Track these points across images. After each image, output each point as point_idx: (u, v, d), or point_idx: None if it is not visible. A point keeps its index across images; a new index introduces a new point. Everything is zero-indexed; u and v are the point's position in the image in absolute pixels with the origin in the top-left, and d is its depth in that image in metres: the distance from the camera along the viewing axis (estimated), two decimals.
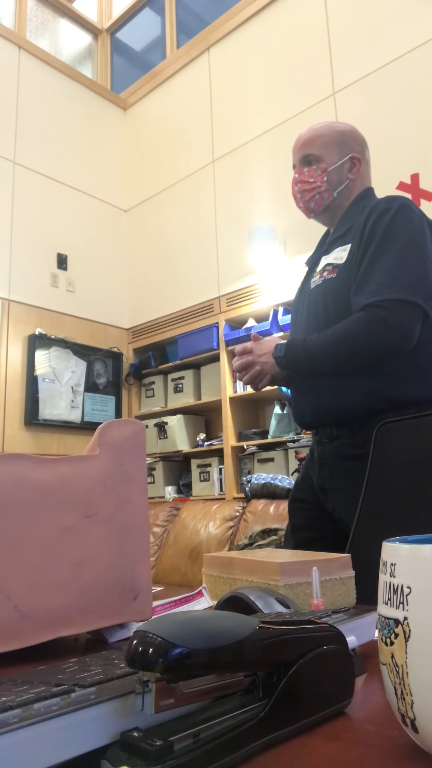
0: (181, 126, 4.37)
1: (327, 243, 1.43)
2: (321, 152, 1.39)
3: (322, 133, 1.41)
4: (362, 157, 1.41)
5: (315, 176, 1.39)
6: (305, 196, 1.41)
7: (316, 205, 1.42)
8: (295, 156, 1.44)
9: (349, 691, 0.40)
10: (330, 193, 1.39)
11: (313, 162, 1.40)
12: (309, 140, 1.41)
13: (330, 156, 1.39)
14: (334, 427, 1.30)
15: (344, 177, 1.40)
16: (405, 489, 1.05)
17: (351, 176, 1.40)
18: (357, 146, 1.42)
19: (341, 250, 1.33)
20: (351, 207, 1.40)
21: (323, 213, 1.43)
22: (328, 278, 1.33)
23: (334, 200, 1.40)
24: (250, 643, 0.33)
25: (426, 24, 3.06)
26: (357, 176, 1.40)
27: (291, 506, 1.44)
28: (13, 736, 0.28)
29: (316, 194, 1.40)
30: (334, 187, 1.39)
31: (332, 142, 1.40)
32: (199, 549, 2.88)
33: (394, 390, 1.22)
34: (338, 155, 1.39)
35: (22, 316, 3.89)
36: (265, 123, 3.77)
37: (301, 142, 1.42)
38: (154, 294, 4.37)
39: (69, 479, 0.62)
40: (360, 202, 1.38)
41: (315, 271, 1.42)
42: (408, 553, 0.32)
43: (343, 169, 1.39)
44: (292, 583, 0.67)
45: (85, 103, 4.59)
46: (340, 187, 1.40)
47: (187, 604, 0.76)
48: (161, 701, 0.31)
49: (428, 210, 2.88)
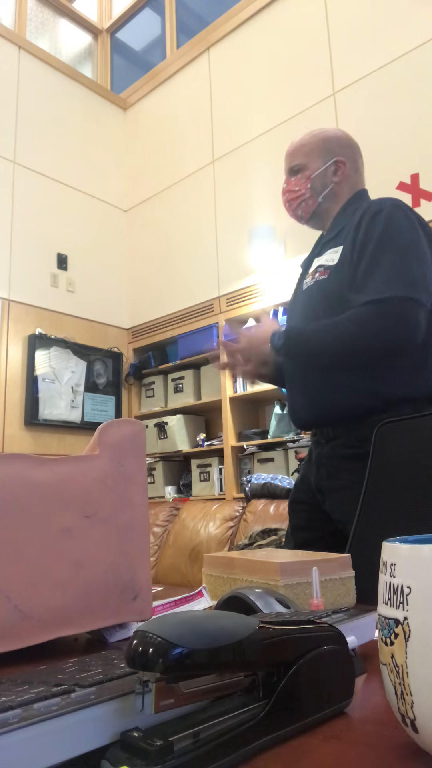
0: (181, 126, 4.37)
1: (320, 245, 1.44)
2: (305, 160, 1.42)
3: (307, 142, 1.44)
4: (348, 159, 1.42)
5: (300, 184, 1.42)
6: (292, 205, 1.45)
7: (303, 212, 1.45)
8: (285, 166, 1.47)
9: (349, 691, 0.40)
10: (314, 199, 1.42)
11: (298, 171, 1.43)
12: (294, 150, 1.45)
13: (313, 163, 1.42)
14: (330, 427, 1.30)
15: (328, 181, 1.42)
16: (405, 489, 1.05)
17: (336, 179, 1.41)
18: (342, 150, 1.43)
19: (333, 252, 1.34)
20: (343, 210, 1.41)
21: (311, 219, 1.46)
22: (320, 279, 1.34)
23: (319, 205, 1.43)
24: (250, 643, 0.33)
25: (426, 24, 3.06)
26: (342, 179, 1.42)
27: (291, 507, 1.44)
28: (13, 736, 0.28)
29: (302, 201, 1.43)
30: (318, 193, 1.42)
31: (316, 149, 1.42)
32: (199, 549, 2.88)
33: (389, 388, 1.23)
34: (322, 161, 1.41)
35: (22, 316, 3.89)
36: (265, 123, 3.77)
37: (289, 152, 1.46)
38: (154, 294, 4.37)
39: (69, 479, 0.62)
40: (352, 205, 1.40)
41: (308, 273, 1.44)
42: (408, 553, 0.32)
43: (327, 174, 1.41)
44: (292, 583, 0.67)
45: (85, 103, 4.59)
46: (325, 192, 1.42)
47: (187, 604, 0.76)
48: (161, 701, 0.31)
49: (428, 210, 2.89)
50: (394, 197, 1.33)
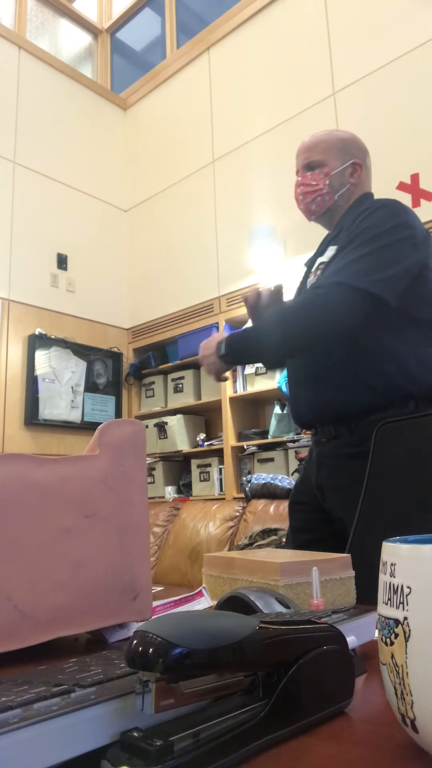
0: (181, 126, 4.37)
1: (324, 244, 1.46)
2: (323, 157, 1.43)
3: (325, 139, 1.45)
4: (363, 163, 1.45)
5: (318, 179, 1.43)
6: (307, 198, 1.45)
7: (317, 207, 1.45)
8: (298, 161, 1.47)
9: (349, 691, 0.40)
10: (331, 195, 1.43)
11: (315, 167, 1.43)
12: (312, 145, 1.45)
13: (332, 161, 1.42)
14: (332, 425, 1.31)
15: (346, 181, 1.43)
16: (405, 489, 1.05)
17: (352, 181, 1.43)
18: (358, 153, 1.45)
19: (333, 249, 1.37)
20: (349, 210, 1.43)
21: (323, 215, 1.47)
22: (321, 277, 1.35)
23: (334, 203, 1.44)
24: (250, 643, 0.33)
25: (426, 24, 3.06)
26: (358, 182, 1.44)
27: (291, 508, 1.45)
28: (13, 736, 0.28)
29: (318, 196, 1.43)
30: (336, 190, 1.43)
31: (334, 148, 1.43)
32: (199, 549, 2.88)
33: (390, 384, 1.24)
34: (340, 160, 1.42)
35: (22, 316, 3.89)
36: (265, 123, 3.77)
37: (304, 147, 1.46)
38: (154, 294, 4.37)
39: (69, 479, 0.62)
40: (358, 206, 1.41)
41: (311, 272, 1.46)
42: (408, 553, 0.32)
43: (345, 174, 1.43)
44: (292, 583, 0.67)
45: (85, 103, 4.59)
46: (342, 191, 1.43)
47: (187, 604, 0.76)
48: (161, 701, 0.31)
49: (428, 210, 2.89)
50: (394, 199, 1.34)
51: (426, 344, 1.27)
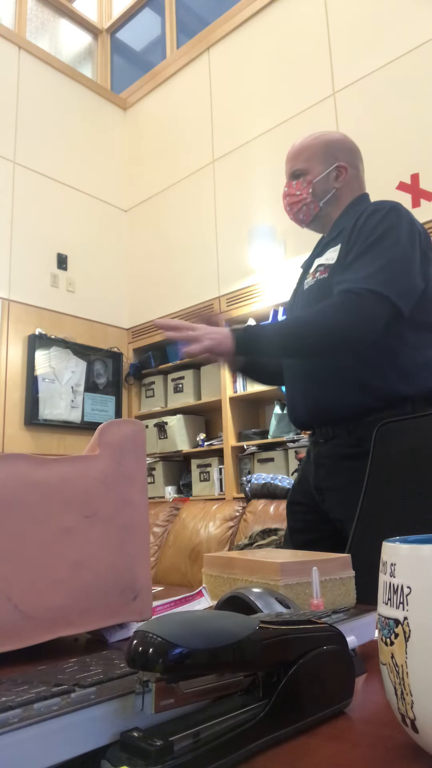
0: (181, 126, 4.37)
1: (321, 246, 1.46)
2: (306, 165, 1.43)
3: (308, 146, 1.44)
4: (350, 164, 1.43)
5: (301, 189, 1.43)
6: (293, 209, 1.45)
7: (304, 216, 1.45)
8: (286, 168, 1.47)
9: (349, 691, 0.40)
10: (316, 204, 1.43)
11: (299, 175, 1.43)
12: (296, 154, 1.45)
13: (315, 168, 1.42)
14: (329, 426, 1.31)
15: (330, 186, 1.42)
16: (405, 489, 1.05)
17: (337, 185, 1.42)
18: (344, 155, 1.43)
19: (332, 251, 1.36)
20: (344, 213, 1.42)
21: (312, 223, 1.47)
22: (320, 278, 1.36)
23: (321, 210, 1.43)
24: (250, 643, 0.33)
25: (426, 24, 3.06)
26: (344, 184, 1.43)
27: (288, 509, 1.45)
28: (13, 736, 0.28)
29: (303, 206, 1.43)
30: (320, 198, 1.42)
31: (318, 153, 1.42)
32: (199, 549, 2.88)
33: (387, 385, 1.24)
34: (324, 166, 1.42)
35: (22, 316, 3.89)
36: (265, 123, 3.77)
37: (290, 155, 1.46)
38: (154, 294, 4.37)
39: (69, 479, 0.62)
40: (353, 208, 1.41)
41: (308, 273, 1.45)
42: (408, 553, 0.32)
43: (329, 179, 1.42)
44: (292, 583, 0.67)
45: (85, 103, 4.59)
46: (327, 197, 1.42)
47: (187, 604, 0.76)
48: (161, 701, 0.31)
49: (428, 210, 2.89)
50: (394, 200, 1.34)
51: (425, 347, 1.26)
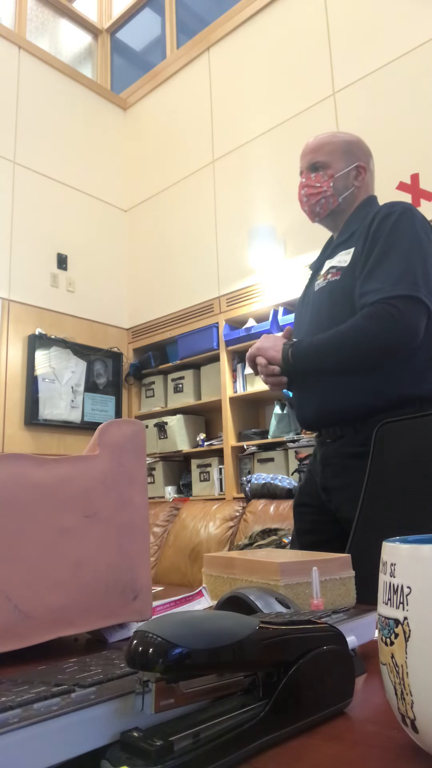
0: (181, 126, 4.37)
1: (331, 247, 1.45)
2: (328, 159, 1.43)
3: (330, 141, 1.45)
4: (367, 166, 1.45)
5: (322, 181, 1.43)
6: (311, 200, 1.44)
7: (321, 209, 1.45)
8: (303, 162, 1.47)
9: (349, 691, 0.40)
10: (335, 198, 1.43)
11: (320, 168, 1.43)
12: (317, 147, 1.45)
13: (337, 163, 1.42)
14: (337, 426, 1.31)
15: (350, 184, 1.43)
16: (405, 488, 1.05)
17: (357, 184, 1.43)
18: (362, 156, 1.45)
19: (345, 254, 1.36)
20: (354, 213, 1.43)
21: (327, 217, 1.46)
22: (332, 280, 1.35)
23: (338, 205, 1.44)
24: (250, 643, 0.33)
25: (426, 24, 3.06)
26: (362, 184, 1.44)
27: (295, 510, 1.45)
28: (13, 736, 0.28)
29: (322, 198, 1.43)
30: (340, 193, 1.43)
31: (339, 150, 1.43)
32: (199, 549, 2.88)
33: (398, 387, 1.24)
34: (345, 163, 1.43)
35: (22, 316, 3.89)
36: (265, 123, 3.77)
37: (309, 148, 1.46)
38: (154, 294, 4.37)
39: (69, 479, 0.62)
40: (363, 209, 1.41)
41: (319, 275, 1.45)
42: (408, 553, 0.32)
43: (349, 177, 1.43)
44: (292, 583, 0.67)
45: (85, 103, 4.59)
46: (346, 194, 1.43)
47: (187, 604, 0.76)
48: (161, 701, 0.31)
49: (428, 210, 2.89)
50: (405, 201, 1.35)
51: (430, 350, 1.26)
